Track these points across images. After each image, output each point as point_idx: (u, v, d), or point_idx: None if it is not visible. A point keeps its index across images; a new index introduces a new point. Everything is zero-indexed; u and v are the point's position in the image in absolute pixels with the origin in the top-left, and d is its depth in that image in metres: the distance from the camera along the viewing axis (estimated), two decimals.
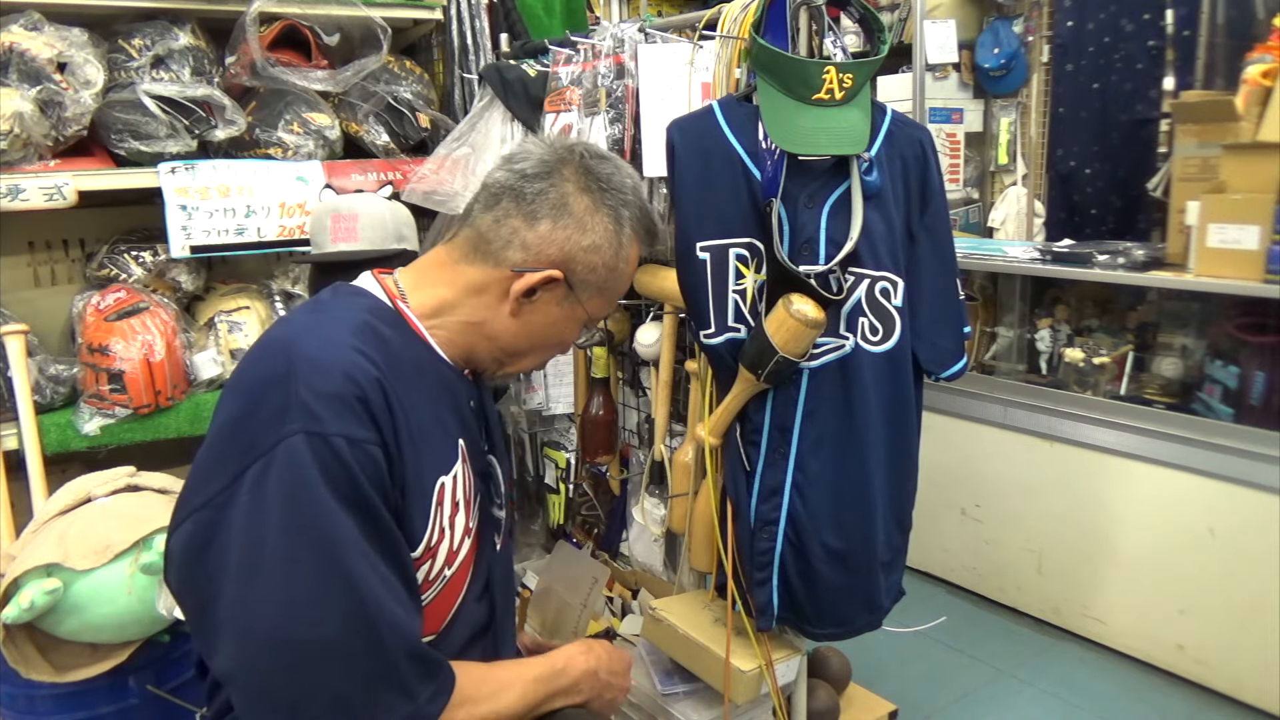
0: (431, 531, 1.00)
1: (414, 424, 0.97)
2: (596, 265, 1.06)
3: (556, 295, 1.07)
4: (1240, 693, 2.32)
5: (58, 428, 1.86)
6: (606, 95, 1.75)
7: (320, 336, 0.95)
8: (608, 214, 1.06)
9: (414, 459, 0.96)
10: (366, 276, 1.08)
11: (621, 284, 1.12)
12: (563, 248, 1.04)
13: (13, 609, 1.36)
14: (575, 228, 1.04)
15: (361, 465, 0.88)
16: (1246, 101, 2.38)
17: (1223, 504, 2.29)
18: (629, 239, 1.09)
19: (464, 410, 1.10)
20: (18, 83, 1.76)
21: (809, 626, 1.60)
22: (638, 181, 1.13)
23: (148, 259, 2.01)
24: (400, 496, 0.94)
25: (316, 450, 0.86)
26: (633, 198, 1.10)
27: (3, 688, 1.50)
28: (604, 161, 1.09)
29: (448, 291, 1.06)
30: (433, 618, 1.04)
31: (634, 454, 2.12)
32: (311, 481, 0.85)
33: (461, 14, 2.31)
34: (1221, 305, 2.46)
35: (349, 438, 0.87)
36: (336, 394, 0.88)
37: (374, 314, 1.02)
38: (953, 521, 2.94)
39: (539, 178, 1.05)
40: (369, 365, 0.92)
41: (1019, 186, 3.50)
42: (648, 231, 1.13)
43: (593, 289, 1.08)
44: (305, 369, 0.89)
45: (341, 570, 0.86)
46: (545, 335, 1.10)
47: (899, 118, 1.53)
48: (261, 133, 2.01)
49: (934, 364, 1.57)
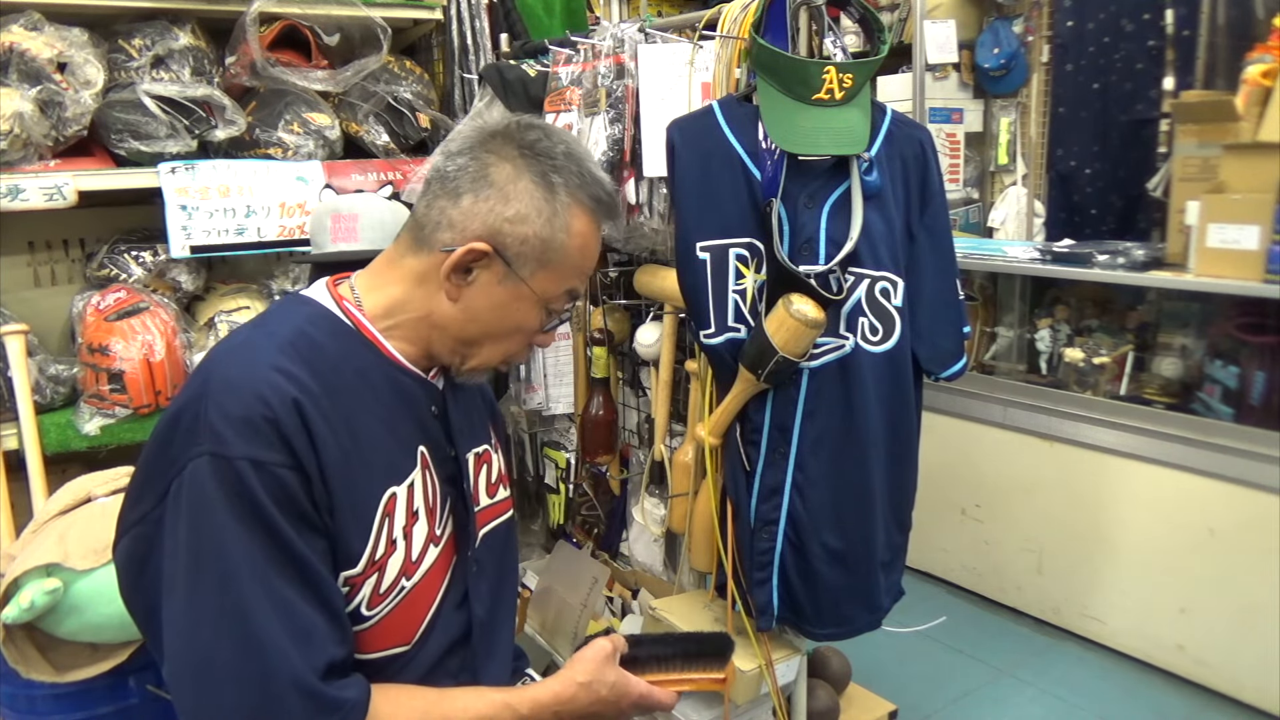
0: (375, 545, 0.97)
1: (353, 436, 0.95)
2: (527, 236, 0.99)
3: (495, 273, 1.00)
4: (1240, 693, 2.32)
5: (58, 428, 1.86)
6: (606, 95, 1.75)
7: (242, 357, 0.94)
8: (534, 179, 0.99)
9: (348, 476, 0.94)
10: (318, 284, 1.06)
11: (570, 257, 1.02)
12: (486, 220, 0.98)
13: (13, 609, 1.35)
14: (497, 198, 0.98)
15: (267, 488, 0.87)
16: (1246, 101, 2.38)
17: (1223, 504, 2.29)
18: (565, 206, 1.00)
19: (424, 416, 1.06)
20: (18, 83, 1.76)
21: (809, 626, 1.60)
22: (577, 149, 1.04)
23: (148, 259, 2.01)
24: (329, 515, 0.92)
25: (219, 473, 0.86)
26: (567, 163, 1.01)
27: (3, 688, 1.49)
28: (533, 129, 1.02)
29: (396, 288, 1.03)
30: (401, 629, 1.02)
31: (634, 454, 2.12)
32: (212, 504, 0.86)
33: (461, 14, 2.31)
34: (1221, 305, 2.46)
35: (253, 460, 0.86)
36: (244, 416, 0.87)
37: (314, 324, 0.99)
38: (953, 521, 2.94)
39: (461, 153, 1.01)
40: (287, 385, 0.90)
41: (1019, 186, 3.50)
42: (595, 200, 1.03)
43: (531, 263, 1.00)
44: (218, 391, 0.89)
45: (233, 597, 0.85)
46: (494, 319, 1.03)
47: (899, 118, 1.53)
48: (261, 133, 2.01)
49: (934, 364, 1.57)
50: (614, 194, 1.06)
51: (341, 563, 0.94)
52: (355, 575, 0.95)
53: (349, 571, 0.95)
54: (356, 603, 0.96)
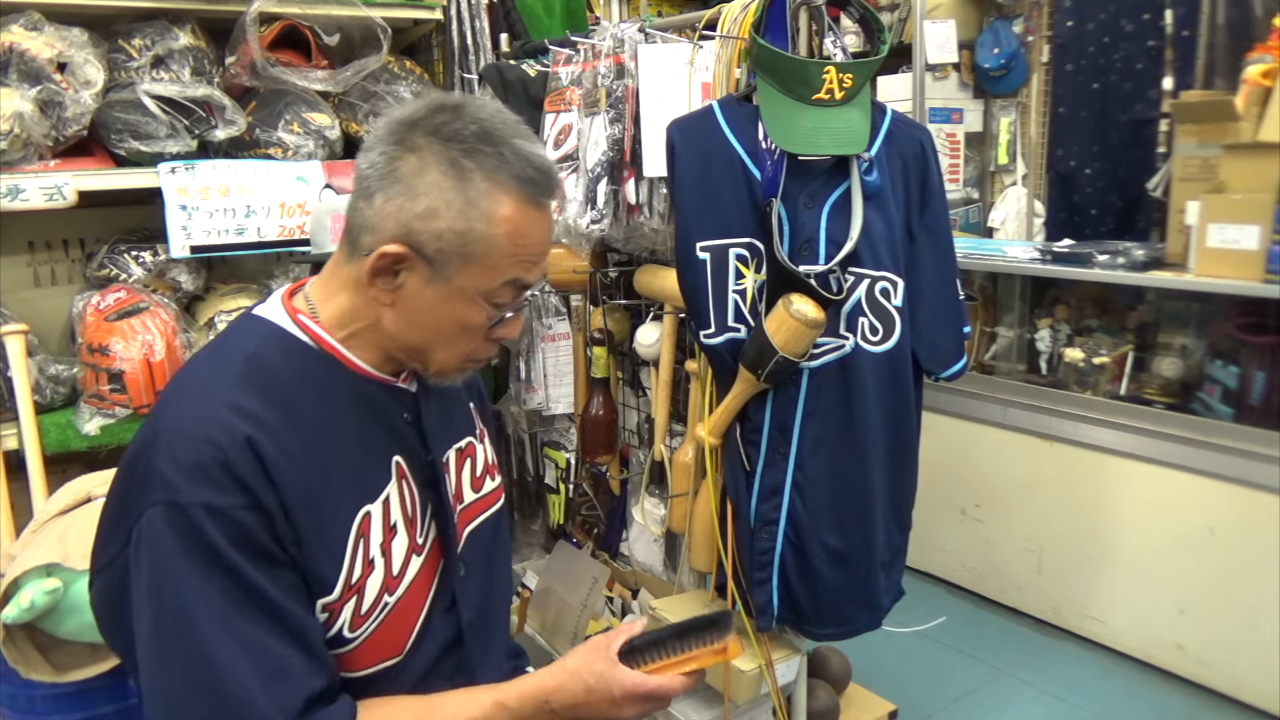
0: (351, 569, 0.94)
1: (318, 461, 0.92)
2: (441, 231, 0.90)
3: (420, 275, 0.92)
4: (1240, 693, 2.32)
5: (58, 428, 1.86)
6: (606, 95, 1.75)
7: (191, 395, 0.92)
8: (441, 170, 0.89)
9: (314, 504, 0.91)
10: (273, 300, 1.01)
11: (498, 247, 0.92)
12: (398, 219, 0.90)
13: (13, 609, 1.35)
14: (405, 194, 0.90)
15: (226, 533, 0.85)
16: (1246, 101, 2.38)
17: (1223, 504, 2.29)
18: (483, 192, 0.90)
19: (396, 424, 1.01)
20: (18, 83, 1.76)
21: (809, 626, 1.60)
22: (496, 125, 0.92)
23: (148, 259, 2.01)
24: (296, 548, 0.90)
25: (174, 521, 0.84)
26: (480, 144, 0.90)
27: (3, 688, 1.49)
28: (442, 111, 0.92)
29: (344, 296, 0.97)
30: (389, 643, 1.00)
31: (634, 454, 2.12)
32: (170, 554, 0.84)
33: (461, 14, 2.31)
34: (1221, 305, 2.46)
35: (208, 506, 0.84)
36: (194, 462, 0.85)
37: (267, 347, 0.95)
38: (953, 521, 2.94)
39: (372, 148, 0.93)
40: (239, 421, 0.87)
41: (1019, 186, 3.50)
42: (520, 179, 0.91)
43: (454, 259, 0.91)
44: (167, 437, 0.88)
45: (197, 646, 0.84)
46: (434, 322, 0.95)
47: (899, 118, 1.53)
48: (261, 133, 2.01)
49: (934, 364, 1.57)
50: (547, 169, 0.94)
51: (316, 591, 0.92)
52: (332, 601, 0.93)
53: (325, 599, 0.93)
54: (338, 627, 0.94)
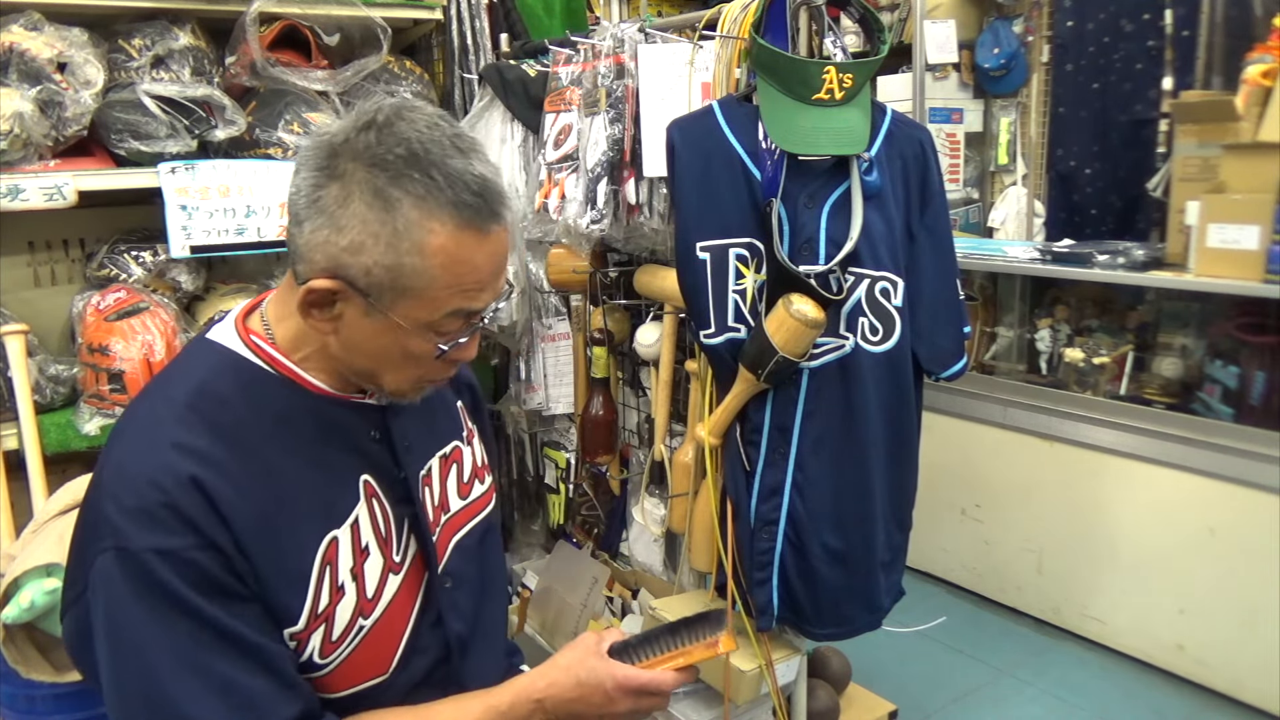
0: (316, 599, 0.92)
1: (275, 492, 0.90)
2: (369, 266, 0.84)
3: (357, 307, 0.87)
4: (1240, 693, 2.32)
5: (58, 428, 1.86)
6: (606, 95, 1.75)
7: (134, 436, 0.89)
8: (365, 200, 0.82)
9: (270, 537, 0.88)
10: (227, 323, 0.97)
11: (434, 279, 0.85)
12: (325, 252, 0.84)
13: (13, 609, 1.35)
14: (330, 227, 0.84)
15: (179, 574, 0.83)
16: (1246, 101, 2.38)
17: (1223, 504, 2.29)
18: (413, 222, 0.83)
19: (363, 443, 0.98)
20: (18, 83, 1.76)
21: (809, 626, 1.60)
22: (426, 146, 0.84)
23: (148, 259, 2.01)
24: (255, 581, 0.88)
25: (127, 567, 0.82)
26: (408, 169, 0.83)
27: (3, 688, 1.49)
28: (368, 130, 0.84)
29: (295, 320, 0.92)
30: (372, 663, 0.98)
31: (634, 454, 2.12)
32: (125, 600, 0.83)
33: (461, 14, 2.31)
34: (1221, 305, 2.46)
35: (158, 550, 0.82)
36: (139, 506, 0.83)
37: (218, 376, 0.92)
38: (953, 521, 2.94)
39: (297, 170, 0.87)
40: (184, 461, 0.85)
41: (1019, 186, 3.50)
42: (457, 204, 0.84)
43: (389, 293, 0.85)
44: (111, 482, 0.86)
45: (160, 691, 0.84)
46: (377, 351, 0.91)
47: (899, 118, 1.53)
48: (261, 133, 2.01)
49: (934, 364, 1.57)
50: (486, 189, 0.86)
51: (281, 621, 0.90)
52: (298, 631, 0.91)
53: (290, 629, 0.91)
54: (306, 654, 0.92)
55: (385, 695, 1.00)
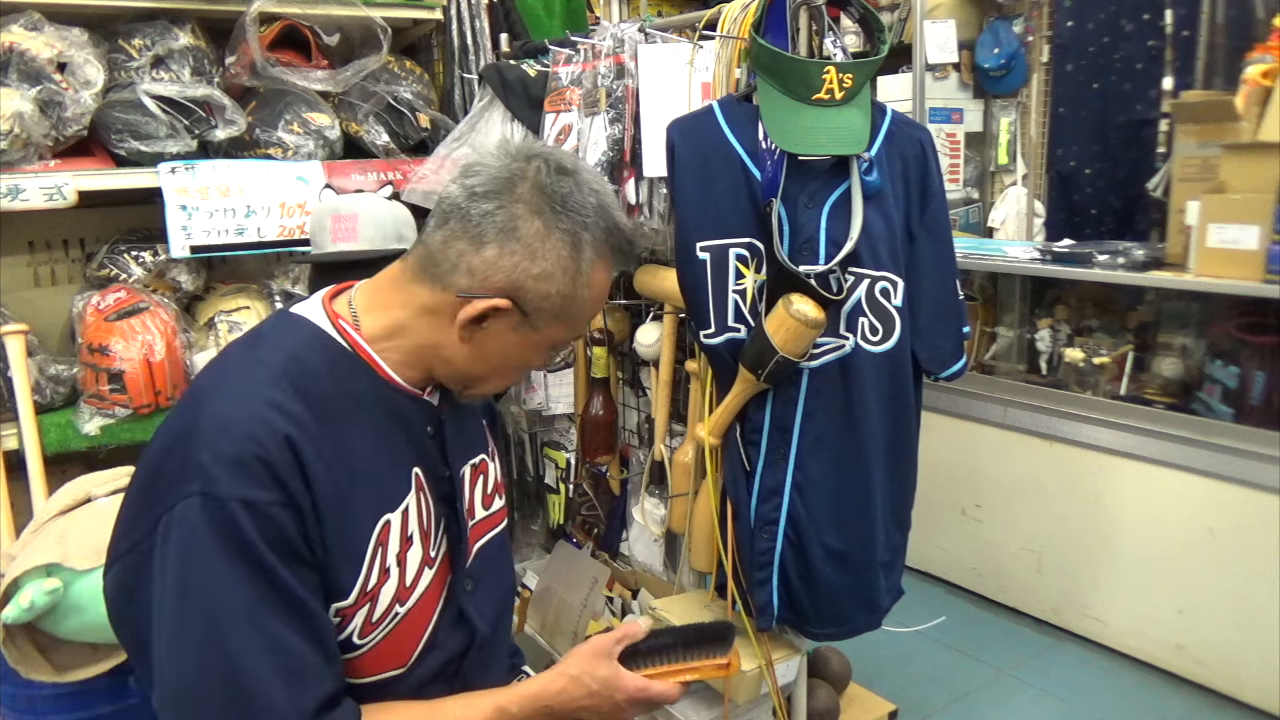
0: (368, 576, 0.96)
1: (346, 467, 0.94)
2: (550, 293, 0.97)
3: (510, 322, 0.98)
4: (1240, 693, 2.32)
5: (58, 428, 1.86)
6: (606, 95, 1.75)
7: (233, 390, 0.93)
8: (562, 238, 0.96)
9: (340, 508, 0.93)
10: (314, 302, 1.03)
11: (584, 309, 1.02)
12: (510, 275, 0.95)
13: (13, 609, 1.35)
14: (524, 254, 0.95)
15: (260, 528, 0.86)
16: (1246, 101, 2.38)
17: (1223, 504, 2.29)
18: (590, 263, 0.99)
19: (419, 436, 1.04)
20: (18, 83, 1.76)
21: (809, 626, 1.60)
22: (605, 196, 1.01)
23: (148, 259, 2.01)
24: (322, 549, 0.92)
25: (211, 513, 0.85)
26: (595, 218, 0.98)
27: (3, 688, 1.49)
28: (564, 177, 0.98)
29: (400, 313, 1.00)
30: (395, 654, 1.02)
31: (634, 454, 2.12)
32: (203, 545, 0.85)
33: (461, 14, 2.31)
34: (1221, 305, 2.46)
35: (245, 500, 0.86)
36: (235, 456, 0.86)
37: (307, 348, 0.97)
38: (953, 521, 2.94)
39: (487, 197, 0.96)
40: (280, 420, 0.89)
41: (1019, 186, 3.50)
42: (617, 251, 1.02)
43: (548, 316, 0.99)
44: (208, 428, 0.89)
45: (220, 639, 0.86)
46: (503, 361, 1.03)
47: (899, 118, 1.53)
48: (261, 133, 2.01)
49: (934, 364, 1.57)
50: (636, 239, 1.10)
51: (333, 595, 0.94)
52: (346, 607, 0.95)
53: (340, 604, 0.95)
54: (348, 633, 0.96)
55: (397, 687, 1.03)
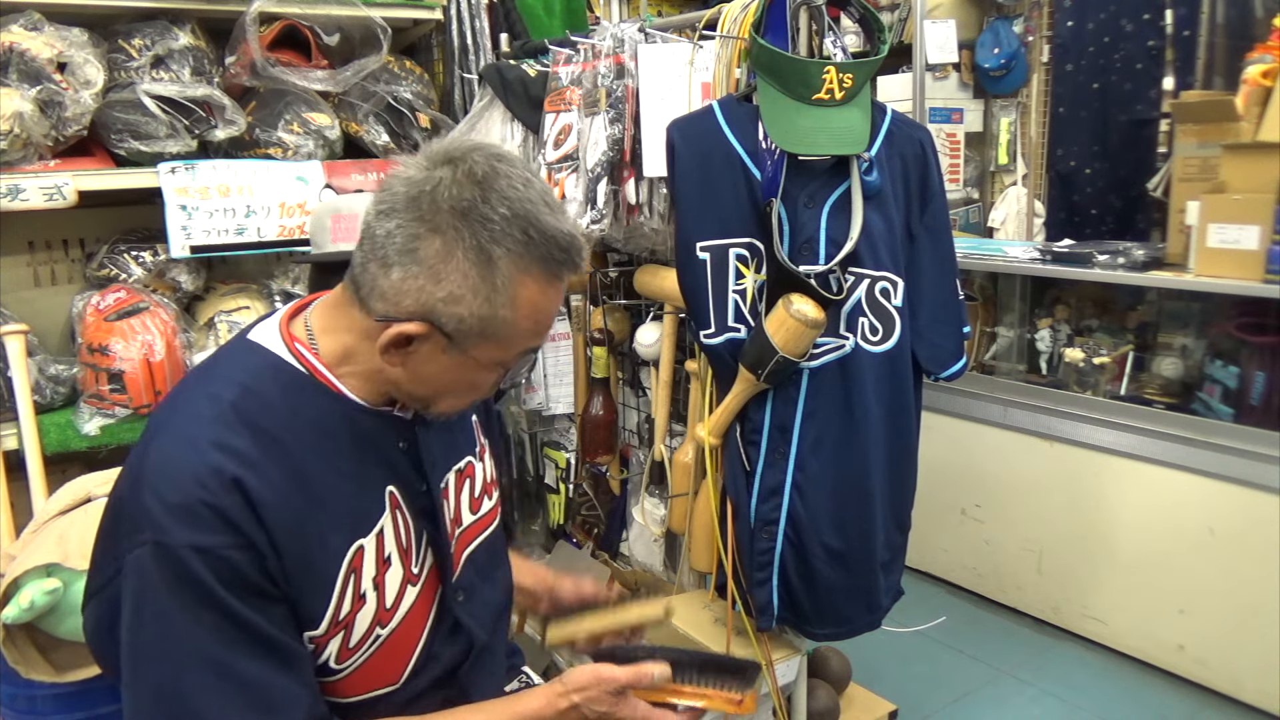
0: (339, 605, 0.94)
1: (310, 498, 0.91)
2: (463, 316, 0.88)
3: (436, 345, 0.91)
4: (1240, 693, 2.32)
5: (58, 428, 1.86)
6: (606, 95, 1.75)
7: (178, 430, 0.90)
8: (468, 257, 0.86)
9: (303, 541, 0.90)
10: (271, 325, 0.98)
11: (518, 328, 0.91)
12: (417, 299, 0.88)
13: (13, 609, 1.35)
14: (427, 277, 0.87)
15: (216, 571, 0.84)
16: (1246, 101, 2.38)
17: (1223, 504, 2.29)
18: (509, 279, 0.88)
19: (391, 454, 1.00)
20: (18, 83, 1.76)
21: (809, 626, 1.60)
22: (525, 203, 0.89)
23: (148, 259, 2.01)
24: (285, 583, 0.89)
25: (162, 561, 0.84)
26: (509, 228, 0.87)
27: (3, 688, 1.49)
28: (471, 187, 0.87)
29: (348, 337, 0.95)
30: (384, 673, 1.00)
31: (634, 454, 2.12)
32: (156, 594, 0.84)
33: (461, 14, 2.31)
34: (1221, 305, 2.46)
35: (197, 547, 0.84)
36: (182, 503, 0.84)
37: (260, 378, 0.94)
38: (953, 521, 2.94)
39: (390, 214, 0.88)
40: (226, 461, 0.86)
41: (1019, 186, 3.50)
42: (546, 261, 0.90)
43: (472, 337, 0.90)
44: (152, 475, 0.87)
45: (178, 690, 0.85)
46: (446, 384, 0.96)
47: (899, 118, 1.53)
48: (261, 133, 2.01)
49: (934, 364, 1.57)
50: (572, 245, 0.92)
51: (303, 625, 0.92)
52: (318, 636, 0.93)
53: (311, 633, 0.93)
54: (323, 659, 0.95)
55: (393, 701, 1.01)
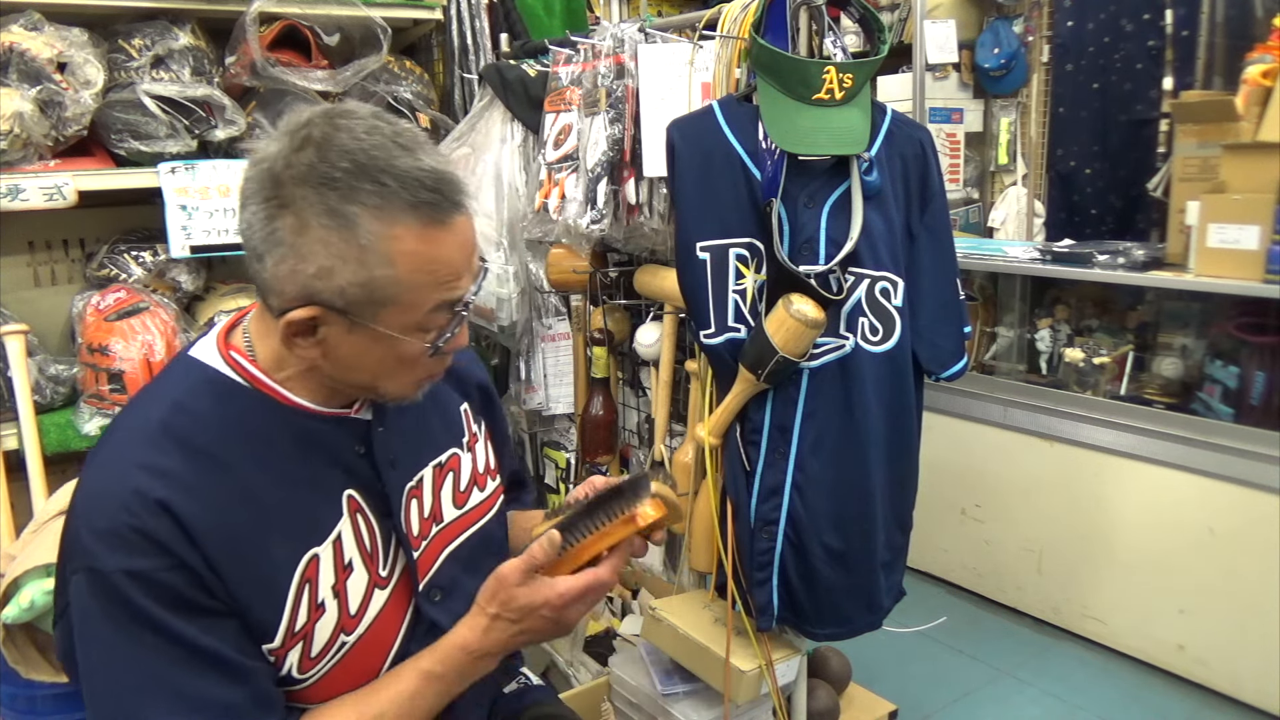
0: (294, 617, 0.91)
1: (254, 510, 0.89)
2: (342, 287, 0.83)
3: (340, 325, 0.86)
4: (1240, 693, 2.32)
5: (58, 428, 1.86)
6: (606, 95, 1.75)
7: (105, 456, 0.90)
8: (323, 224, 0.82)
9: (244, 556, 0.88)
10: (210, 338, 0.96)
11: (410, 282, 0.85)
12: (295, 282, 0.84)
13: (13, 609, 1.35)
14: (294, 258, 0.83)
15: (150, 594, 0.83)
16: (1246, 101, 2.38)
17: (1223, 504, 2.29)
18: (375, 235, 0.82)
19: (347, 458, 0.97)
20: (18, 83, 1.76)
21: (809, 626, 1.60)
22: (370, 151, 0.82)
23: (148, 259, 2.01)
24: (229, 598, 0.87)
25: (97, 588, 0.83)
26: (357, 180, 0.81)
27: (3, 688, 1.49)
28: (304, 149, 0.82)
29: (273, 340, 0.91)
30: (357, 677, 0.98)
31: (634, 454, 2.12)
32: (94, 620, 0.84)
33: (461, 14, 2.31)
34: (1221, 305, 2.46)
35: (129, 571, 0.82)
36: (109, 529, 0.83)
37: (194, 394, 0.91)
38: (953, 521, 2.94)
39: (244, 205, 0.85)
40: (153, 483, 0.84)
41: (1019, 186, 3.50)
42: (414, 204, 0.82)
43: (368, 307, 0.85)
44: (81, 501, 0.88)
45: (128, 708, 0.84)
46: (371, 363, 0.90)
47: (899, 117, 1.53)
48: (261, 133, 2.01)
49: (934, 364, 1.57)
50: (441, 181, 0.85)
51: (258, 638, 0.90)
52: (275, 648, 0.91)
53: (268, 645, 0.91)
54: (285, 669, 0.93)
55: None
